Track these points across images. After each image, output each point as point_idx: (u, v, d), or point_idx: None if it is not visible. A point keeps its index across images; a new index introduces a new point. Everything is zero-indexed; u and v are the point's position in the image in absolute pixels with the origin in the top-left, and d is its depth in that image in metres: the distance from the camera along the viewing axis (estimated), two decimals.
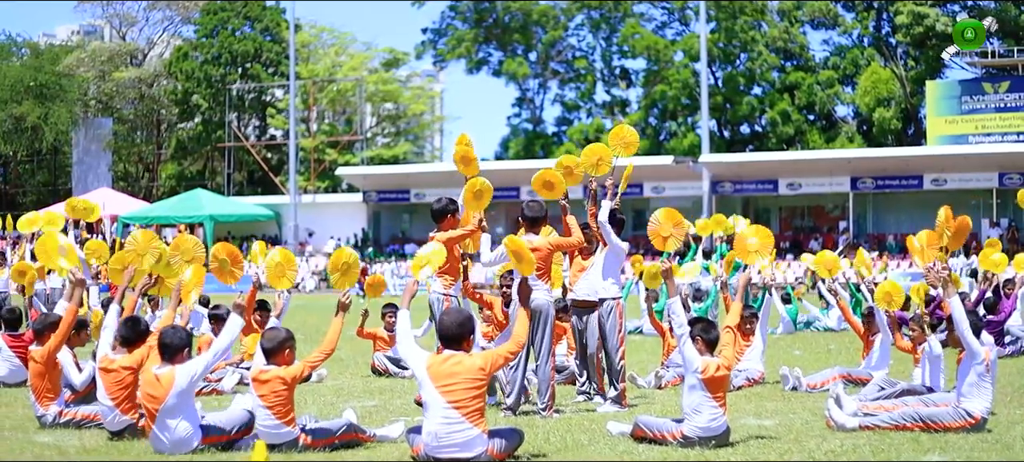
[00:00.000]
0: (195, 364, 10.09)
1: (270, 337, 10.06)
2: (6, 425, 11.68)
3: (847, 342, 21.44)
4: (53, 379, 11.57)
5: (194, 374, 10.01)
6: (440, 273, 12.70)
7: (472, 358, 9.37)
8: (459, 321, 9.52)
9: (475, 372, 9.23)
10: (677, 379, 15.14)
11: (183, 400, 9.92)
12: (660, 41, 77.76)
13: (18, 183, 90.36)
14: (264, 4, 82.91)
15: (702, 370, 10.04)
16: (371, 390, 14.79)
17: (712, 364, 10.07)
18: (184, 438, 9.86)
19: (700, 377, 10.06)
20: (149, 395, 9.94)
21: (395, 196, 67.72)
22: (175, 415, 9.89)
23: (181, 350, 10.13)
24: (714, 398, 10.06)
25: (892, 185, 59.23)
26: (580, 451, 10.22)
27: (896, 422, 11.08)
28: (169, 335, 10.22)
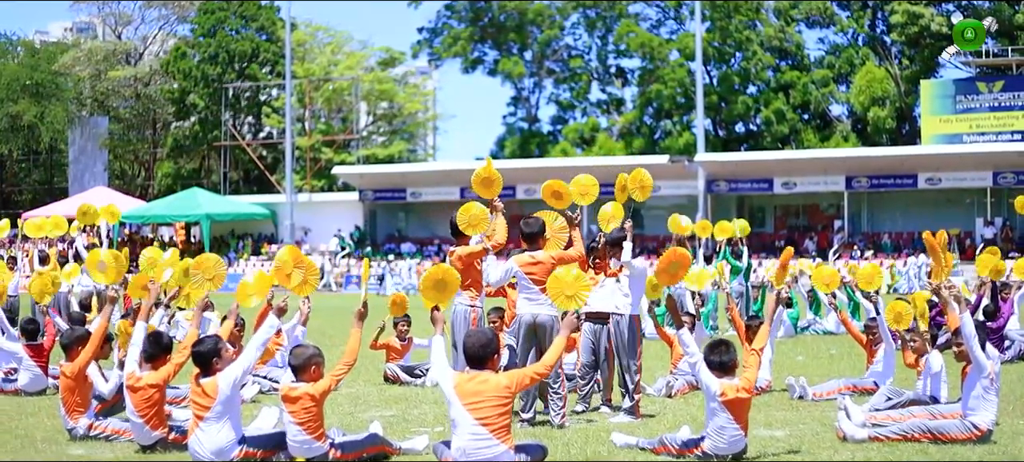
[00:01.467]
0: (235, 369, 10.37)
1: (298, 354, 10.31)
2: (37, 436, 11.93)
3: (847, 346, 21.67)
4: (83, 393, 11.83)
5: (235, 379, 10.31)
6: (465, 286, 12.95)
7: (498, 377, 9.65)
8: (483, 343, 9.77)
9: (501, 390, 9.51)
10: (686, 387, 15.42)
11: (228, 407, 10.22)
12: (655, 40, 77.97)
13: (14, 182, 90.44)
14: (259, 3, 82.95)
15: (721, 394, 10.27)
16: (387, 399, 15.02)
17: (730, 387, 10.27)
18: (224, 447, 10.13)
19: (720, 401, 10.29)
20: (197, 403, 10.24)
21: (391, 195, 67.87)
22: (220, 422, 10.18)
23: (214, 358, 10.41)
24: (736, 420, 10.30)
25: (887, 184, 59.42)
26: None
27: (904, 433, 11.33)
28: (200, 347, 10.50)
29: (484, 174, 13.48)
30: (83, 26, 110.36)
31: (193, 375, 10.45)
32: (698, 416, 13.04)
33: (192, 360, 10.48)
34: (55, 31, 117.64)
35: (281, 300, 11.27)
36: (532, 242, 12.96)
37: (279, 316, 11.13)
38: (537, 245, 12.96)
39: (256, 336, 10.82)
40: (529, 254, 12.84)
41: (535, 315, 12.61)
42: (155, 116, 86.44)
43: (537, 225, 13.01)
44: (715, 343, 10.56)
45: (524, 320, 12.66)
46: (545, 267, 12.67)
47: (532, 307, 12.65)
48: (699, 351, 10.61)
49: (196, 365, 10.39)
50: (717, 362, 10.37)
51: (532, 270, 12.70)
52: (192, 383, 10.41)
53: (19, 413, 13.73)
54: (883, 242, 58.74)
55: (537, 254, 12.83)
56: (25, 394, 15.37)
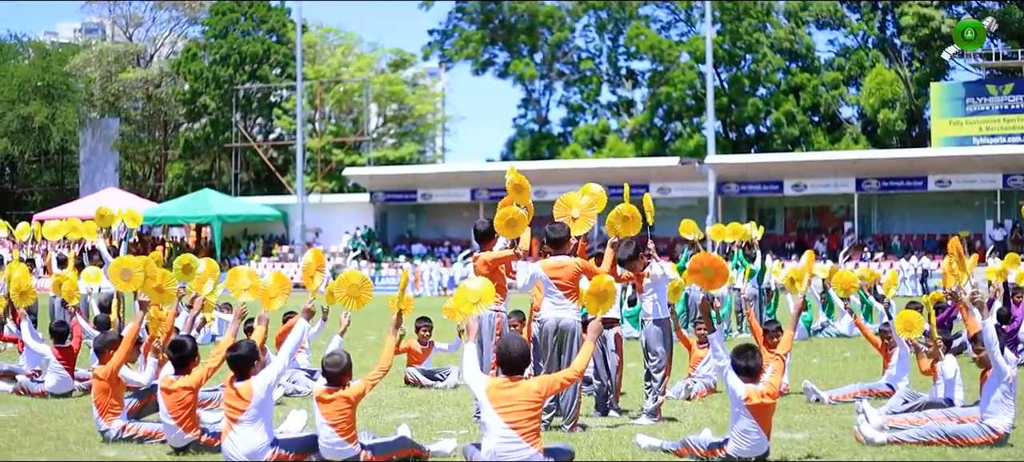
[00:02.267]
0: (269, 373, 10.58)
1: (333, 362, 10.51)
2: (70, 438, 12.10)
3: (861, 349, 21.83)
4: (116, 395, 12.01)
5: (270, 382, 10.52)
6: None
7: (529, 382, 9.84)
8: (522, 351, 9.96)
9: (532, 395, 9.70)
10: (705, 390, 15.61)
11: (262, 410, 10.42)
12: (665, 42, 78.09)
13: (25, 183, 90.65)
14: (269, 5, 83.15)
15: (746, 398, 10.44)
16: (409, 402, 15.20)
17: (755, 393, 10.43)
18: (257, 449, 10.32)
19: (745, 406, 10.45)
20: (231, 406, 10.45)
21: (402, 196, 68.06)
22: (254, 425, 10.37)
23: (251, 362, 10.62)
24: (760, 424, 10.47)
25: (897, 186, 59.53)
26: None
27: (923, 437, 11.47)
28: (236, 351, 10.71)
29: (516, 181, 13.61)
30: (92, 27, 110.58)
31: (228, 378, 10.65)
32: (718, 419, 13.22)
33: (228, 364, 10.68)
34: (64, 32, 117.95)
35: (309, 302, 11.46)
36: (557, 247, 13.07)
37: (307, 319, 11.33)
38: (562, 250, 13.08)
39: (289, 340, 11.03)
40: (555, 259, 12.96)
41: (559, 319, 12.76)
42: (166, 117, 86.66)
43: (562, 231, 13.13)
44: (742, 348, 10.70)
45: (548, 324, 12.80)
46: (569, 272, 12.82)
47: (556, 311, 12.79)
48: (728, 356, 10.76)
49: (232, 369, 10.59)
50: (743, 367, 10.52)
51: (557, 275, 12.84)
52: (226, 386, 10.60)
53: (49, 415, 13.92)
54: (893, 244, 58.88)
55: (562, 259, 12.94)
56: (52, 396, 15.57)
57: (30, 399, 15.46)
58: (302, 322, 11.23)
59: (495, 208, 46.33)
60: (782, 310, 27.80)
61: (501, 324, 13.18)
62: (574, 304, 12.89)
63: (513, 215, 13.25)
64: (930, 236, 59.69)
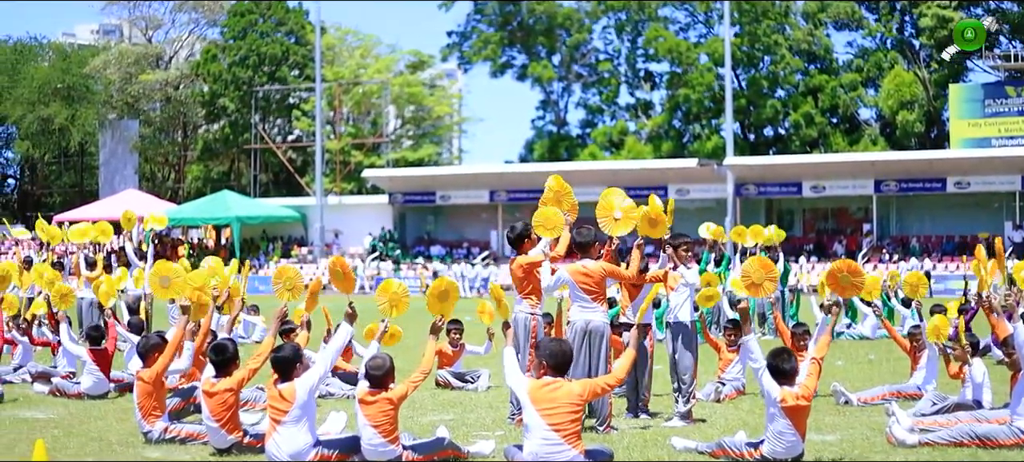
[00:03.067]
0: (313, 375, 10.77)
1: (375, 365, 10.68)
2: (112, 439, 12.28)
3: (885, 351, 21.93)
4: (159, 397, 12.20)
5: (313, 385, 10.70)
6: (525, 294, 13.31)
7: (571, 385, 10.02)
8: (565, 352, 10.14)
9: (574, 398, 9.88)
10: (734, 393, 15.76)
11: (305, 411, 10.60)
12: (684, 44, 78.11)
13: (45, 185, 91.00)
14: (287, 5, 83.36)
15: (781, 400, 10.57)
16: (442, 404, 15.34)
17: (790, 395, 10.55)
18: (301, 449, 10.50)
19: (780, 407, 10.59)
20: (274, 408, 10.64)
21: (421, 198, 68.17)
22: (297, 425, 10.55)
23: (295, 364, 10.79)
24: (795, 426, 10.60)
25: (916, 188, 59.49)
26: None
27: (954, 439, 11.59)
28: (280, 353, 10.90)
29: (557, 188, 13.76)
30: (110, 29, 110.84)
31: (271, 380, 10.83)
32: (749, 421, 13.38)
33: (272, 366, 10.85)
34: (82, 34, 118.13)
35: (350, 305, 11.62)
36: (584, 251, 13.21)
37: (351, 323, 11.50)
38: (589, 254, 13.21)
39: (332, 344, 11.23)
40: (582, 263, 13.08)
41: (588, 321, 12.90)
42: (185, 119, 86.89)
43: (589, 235, 13.24)
44: (778, 350, 10.84)
45: (577, 326, 12.94)
46: (596, 277, 12.97)
47: (585, 314, 12.93)
48: (763, 358, 10.88)
49: (275, 371, 10.77)
50: (779, 368, 10.66)
51: (584, 280, 12.98)
52: (269, 387, 10.79)
53: (87, 416, 14.10)
54: (912, 246, 58.82)
55: (588, 264, 13.07)
56: (88, 397, 15.74)
57: (67, 400, 15.64)
58: (346, 326, 11.41)
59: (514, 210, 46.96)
60: (804, 312, 27.94)
61: (536, 327, 13.32)
62: (602, 307, 13.02)
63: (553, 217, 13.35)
64: (949, 238, 59.69)
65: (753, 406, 14.92)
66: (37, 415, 14.28)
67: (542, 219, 13.33)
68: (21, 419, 13.94)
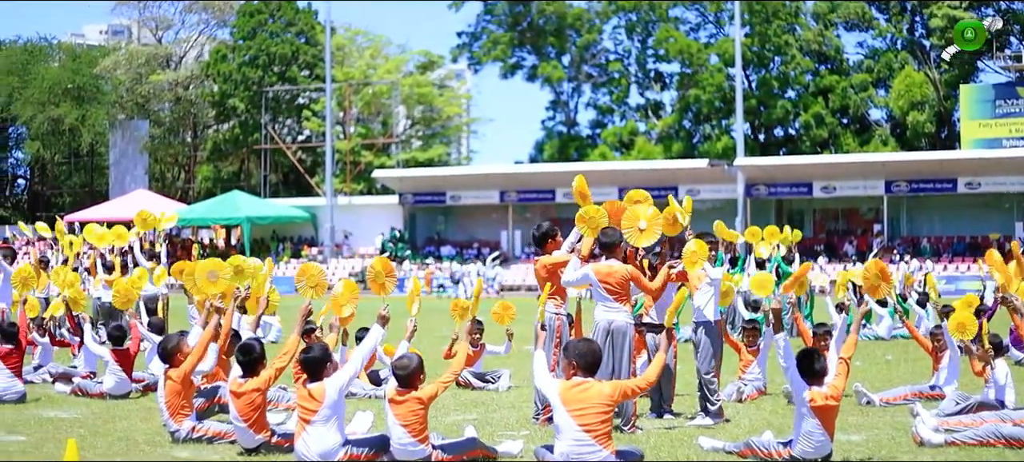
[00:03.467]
0: (343, 375, 10.81)
1: (403, 364, 10.71)
2: (139, 439, 12.28)
3: (901, 351, 21.95)
4: (187, 396, 12.22)
5: (342, 385, 10.73)
6: (551, 294, 13.31)
7: (601, 386, 10.02)
8: (596, 353, 10.14)
9: (604, 398, 9.88)
10: (755, 393, 15.77)
11: (334, 411, 10.63)
12: (694, 44, 78.10)
13: (55, 185, 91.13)
14: (296, 5, 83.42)
15: (810, 400, 10.58)
16: (464, 404, 15.32)
17: (819, 394, 10.56)
18: (330, 449, 10.52)
19: (809, 407, 10.59)
20: (304, 408, 10.66)
21: (431, 198, 68.26)
22: (327, 425, 10.57)
23: (325, 364, 10.84)
24: (824, 425, 10.61)
25: (926, 188, 59.53)
26: None
27: (980, 439, 11.57)
28: (309, 353, 10.93)
29: (580, 189, 13.77)
30: (118, 29, 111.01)
31: (301, 380, 10.85)
32: (773, 421, 13.40)
33: (301, 366, 10.89)
34: (90, 34, 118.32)
35: (383, 308, 11.63)
36: (609, 251, 13.20)
37: (383, 326, 11.52)
38: (614, 254, 13.22)
39: (364, 345, 11.25)
40: (607, 263, 13.05)
41: (611, 321, 12.91)
42: (195, 119, 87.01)
43: (615, 235, 13.22)
44: (807, 351, 10.84)
45: (600, 326, 12.94)
46: (619, 279, 12.98)
47: (608, 314, 12.92)
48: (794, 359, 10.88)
49: (305, 371, 10.79)
50: (808, 368, 10.67)
51: (607, 280, 12.98)
52: (298, 387, 10.82)
53: (111, 416, 14.09)
54: (922, 246, 58.82)
55: (614, 264, 13.05)
56: (110, 397, 15.74)
57: (89, 400, 15.63)
58: (377, 328, 11.42)
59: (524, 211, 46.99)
60: (819, 312, 27.92)
61: (561, 326, 13.33)
62: (625, 307, 13.02)
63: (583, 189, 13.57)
64: (960, 238, 59.71)
65: (776, 406, 14.95)
66: (61, 414, 14.29)
67: (587, 217, 13.31)
68: (45, 419, 13.93)
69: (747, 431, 12.55)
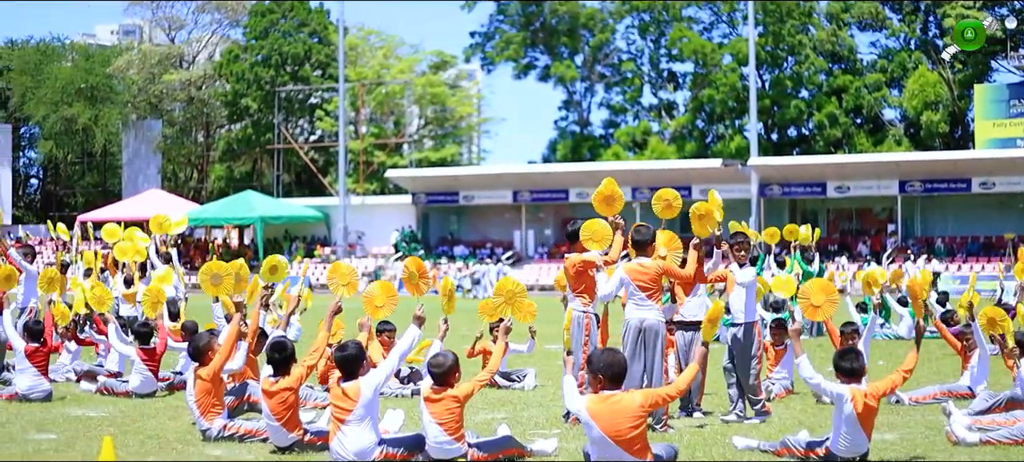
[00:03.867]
0: (378, 374, 10.81)
1: (437, 363, 10.68)
2: (170, 437, 12.26)
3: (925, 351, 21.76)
4: (218, 394, 12.20)
5: (378, 384, 10.71)
6: (578, 292, 13.35)
7: (632, 396, 9.82)
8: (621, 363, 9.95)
9: (636, 409, 9.67)
10: (784, 392, 15.75)
11: (368, 410, 10.60)
12: (708, 44, 78.00)
13: (68, 185, 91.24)
14: (309, 6, 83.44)
15: (851, 399, 10.52)
16: (492, 403, 15.29)
17: (859, 395, 10.52)
18: (366, 448, 10.49)
19: (850, 408, 10.52)
20: (338, 407, 10.64)
21: (444, 198, 68.23)
22: (362, 425, 10.55)
23: (360, 363, 10.84)
24: (862, 424, 10.56)
25: (940, 188, 59.38)
26: None
27: (1016, 437, 11.56)
28: (344, 351, 10.91)
29: (606, 192, 13.74)
30: (130, 29, 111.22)
31: (335, 378, 10.83)
32: (804, 419, 13.40)
33: (336, 364, 10.87)
34: (102, 34, 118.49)
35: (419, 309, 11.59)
36: (641, 249, 13.24)
37: (419, 326, 11.49)
38: (646, 252, 13.22)
39: (399, 345, 11.22)
40: (638, 261, 13.13)
41: (643, 319, 12.89)
42: (208, 119, 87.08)
43: (648, 233, 13.28)
44: (845, 351, 10.85)
45: (631, 324, 12.94)
46: (651, 274, 13.00)
47: (640, 312, 12.94)
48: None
49: (340, 370, 10.78)
50: (847, 368, 10.65)
51: (639, 277, 13.00)
52: (333, 387, 10.79)
53: (140, 414, 14.06)
54: (937, 246, 58.68)
55: (645, 261, 13.11)
56: (136, 396, 15.74)
57: (115, 399, 15.60)
58: (413, 328, 11.39)
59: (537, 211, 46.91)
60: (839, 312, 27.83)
61: (590, 325, 13.31)
62: (657, 305, 13.04)
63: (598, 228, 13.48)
64: (974, 238, 59.60)
65: (805, 404, 14.94)
66: (89, 413, 14.28)
67: (590, 232, 13.46)
68: (73, 417, 13.93)
69: (780, 430, 12.53)
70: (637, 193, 61.40)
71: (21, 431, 12.79)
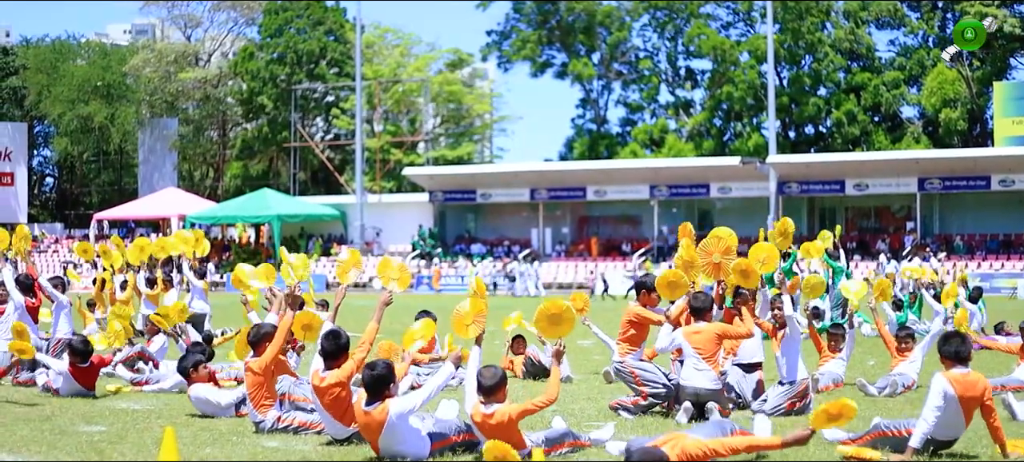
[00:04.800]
0: (408, 402, 10.44)
1: (489, 374, 10.41)
2: (222, 429, 12.12)
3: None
4: (270, 387, 12.05)
5: (404, 412, 10.35)
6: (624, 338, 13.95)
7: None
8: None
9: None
10: (831, 385, 15.66)
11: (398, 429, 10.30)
12: (726, 42, 77.87)
13: (84, 183, 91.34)
14: (325, 4, 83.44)
15: (951, 382, 10.39)
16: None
17: (959, 379, 10.43)
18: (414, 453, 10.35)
19: (948, 390, 10.39)
20: (364, 430, 10.49)
21: (461, 196, 68.18)
22: (394, 444, 10.34)
23: (388, 384, 10.45)
24: (964, 408, 10.43)
25: (959, 186, 59.27)
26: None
27: None
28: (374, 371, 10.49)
29: (687, 257, 14.06)
30: (143, 28, 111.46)
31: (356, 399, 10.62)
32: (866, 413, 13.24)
33: (364, 384, 10.52)
34: (114, 33, 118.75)
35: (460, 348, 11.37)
36: (699, 316, 13.36)
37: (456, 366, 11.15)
38: (704, 318, 13.35)
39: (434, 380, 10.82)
40: (695, 326, 13.29)
41: (697, 390, 12.96)
42: (224, 117, 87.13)
43: (706, 301, 13.46)
44: (949, 334, 10.84)
45: (687, 390, 13.02)
46: (708, 337, 13.14)
47: (694, 380, 13.00)
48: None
49: (366, 389, 10.47)
50: (952, 352, 10.54)
51: (696, 340, 13.12)
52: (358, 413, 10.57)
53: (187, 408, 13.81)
54: (956, 244, 58.58)
55: (701, 326, 13.28)
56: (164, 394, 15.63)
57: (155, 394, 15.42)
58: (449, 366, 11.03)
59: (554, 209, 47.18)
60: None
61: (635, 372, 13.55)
62: (714, 369, 13.13)
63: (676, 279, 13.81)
64: (993, 236, 59.46)
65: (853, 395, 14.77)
66: (134, 406, 14.16)
67: (666, 282, 13.84)
68: (119, 410, 13.81)
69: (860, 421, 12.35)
70: (655, 191, 61.32)
71: (70, 423, 12.70)
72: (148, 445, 11.25)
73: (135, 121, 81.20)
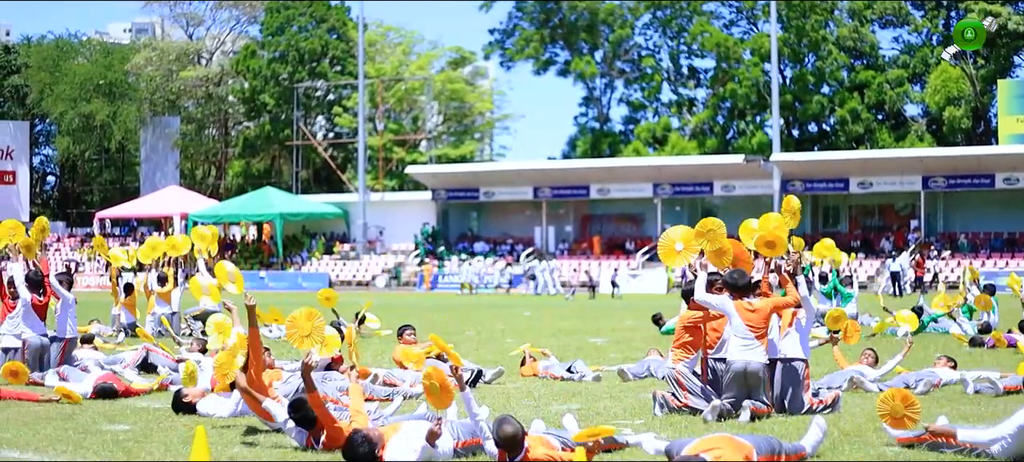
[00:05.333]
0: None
1: (508, 434, 9.61)
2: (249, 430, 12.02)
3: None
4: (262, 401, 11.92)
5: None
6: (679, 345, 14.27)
7: None
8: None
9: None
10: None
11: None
12: (729, 40, 77.79)
13: (85, 182, 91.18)
14: (328, 3, 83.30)
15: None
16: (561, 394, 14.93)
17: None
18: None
19: None
20: None
21: (464, 194, 68.10)
22: None
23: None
24: None
25: (964, 184, 59.23)
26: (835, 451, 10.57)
27: None
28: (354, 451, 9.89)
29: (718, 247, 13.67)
30: (143, 26, 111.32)
31: None
32: None
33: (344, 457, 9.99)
34: (115, 32, 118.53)
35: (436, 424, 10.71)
36: (744, 293, 13.06)
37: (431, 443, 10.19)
38: (744, 295, 13.06)
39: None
40: (747, 301, 12.98)
41: (747, 363, 12.66)
42: (226, 116, 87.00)
43: (744, 278, 13.17)
44: None
45: (735, 368, 12.72)
46: (762, 314, 12.88)
47: (745, 354, 12.70)
48: None
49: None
50: None
51: (750, 317, 12.81)
52: None
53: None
54: (960, 242, 58.52)
55: (754, 301, 13.01)
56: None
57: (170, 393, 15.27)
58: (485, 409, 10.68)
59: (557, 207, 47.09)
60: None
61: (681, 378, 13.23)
62: (763, 346, 12.84)
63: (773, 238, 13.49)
64: (997, 234, 59.42)
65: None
66: (154, 405, 14.03)
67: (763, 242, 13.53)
68: (141, 408, 13.70)
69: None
70: (658, 189, 61.22)
71: (92, 422, 12.60)
72: (175, 444, 11.17)
73: (137, 120, 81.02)
